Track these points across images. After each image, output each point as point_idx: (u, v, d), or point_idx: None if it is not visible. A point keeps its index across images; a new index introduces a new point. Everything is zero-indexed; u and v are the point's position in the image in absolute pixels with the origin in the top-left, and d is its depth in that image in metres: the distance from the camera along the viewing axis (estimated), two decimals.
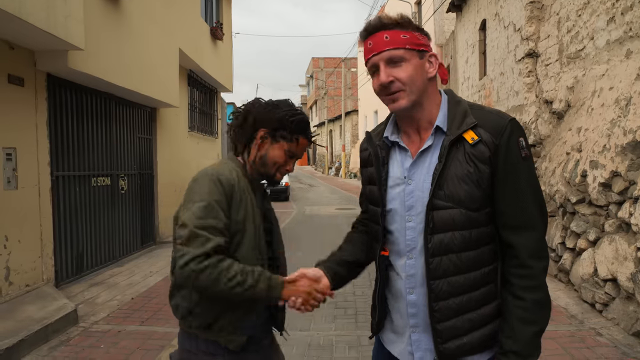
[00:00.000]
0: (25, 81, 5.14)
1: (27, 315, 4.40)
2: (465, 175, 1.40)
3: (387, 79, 1.43)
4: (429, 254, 1.43)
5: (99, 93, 6.67)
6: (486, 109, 1.50)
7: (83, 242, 6.28)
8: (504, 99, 9.01)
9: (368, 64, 1.49)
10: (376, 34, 1.45)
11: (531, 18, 7.47)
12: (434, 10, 15.97)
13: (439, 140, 1.47)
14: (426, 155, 1.48)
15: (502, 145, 1.40)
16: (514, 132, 1.41)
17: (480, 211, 1.42)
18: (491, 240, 1.45)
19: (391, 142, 1.56)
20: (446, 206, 1.41)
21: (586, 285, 4.84)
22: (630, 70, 4.82)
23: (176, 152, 9.64)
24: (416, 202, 1.46)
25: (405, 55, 1.43)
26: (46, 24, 4.42)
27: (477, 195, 1.40)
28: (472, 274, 1.44)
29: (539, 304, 1.42)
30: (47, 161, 5.49)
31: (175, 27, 8.59)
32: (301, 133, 1.78)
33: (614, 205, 4.62)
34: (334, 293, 1.70)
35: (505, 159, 1.40)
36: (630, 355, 3.73)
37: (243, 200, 1.68)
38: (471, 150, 1.40)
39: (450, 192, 1.40)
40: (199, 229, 1.54)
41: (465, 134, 1.42)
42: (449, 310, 1.44)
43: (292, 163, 1.81)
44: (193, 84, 11.16)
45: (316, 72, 48.56)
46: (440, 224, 1.41)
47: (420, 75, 1.45)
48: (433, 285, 1.44)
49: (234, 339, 1.68)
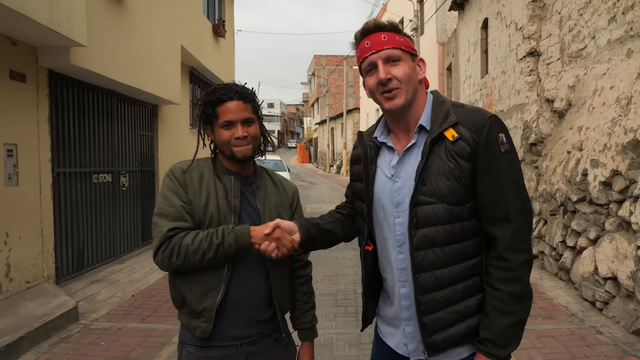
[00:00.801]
0: (27, 77, 5.14)
1: (28, 312, 4.41)
2: (447, 172, 1.46)
3: (386, 75, 1.49)
4: (414, 247, 1.49)
5: (101, 90, 6.68)
6: (468, 107, 1.57)
7: (84, 239, 6.29)
8: (505, 97, 9.00)
9: (364, 62, 1.55)
10: (374, 34, 1.53)
11: (533, 17, 7.45)
12: (436, 8, 15.95)
13: (422, 138, 1.54)
14: (411, 154, 1.55)
15: (481, 141, 1.46)
16: (492, 127, 1.47)
17: (462, 206, 1.47)
18: (475, 234, 1.50)
19: (380, 142, 1.63)
20: (429, 201, 1.47)
21: (587, 284, 4.84)
22: (631, 69, 4.82)
23: (177, 149, 9.64)
24: (403, 198, 1.52)
25: (401, 55, 1.51)
26: (49, 21, 4.43)
27: (459, 191, 1.46)
28: (457, 267, 1.49)
29: (516, 296, 1.44)
30: (48, 157, 5.50)
31: (177, 24, 8.59)
32: (214, 104, 1.71)
33: (615, 203, 4.62)
34: (301, 250, 1.77)
35: (484, 154, 1.45)
36: (630, 353, 3.74)
37: (203, 191, 1.71)
38: (452, 147, 1.46)
39: (433, 187, 1.46)
40: (157, 217, 1.68)
41: (446, 132, 1.48)
42: (435, 303, 1.49)
43: (238, 129, 1.70)
44: (195, 81, 11.16)
45: (318, 69, 48.52)
46: (424, 219, 1.47)
47: (414, 76, 1.54)
48: (419, 279, 1.49)
49: (199, 325, 1.66)
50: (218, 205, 1.69)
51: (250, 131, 1.71)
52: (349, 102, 36.54)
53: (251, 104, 1.74)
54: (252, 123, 1.73)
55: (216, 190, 1.71)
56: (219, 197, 1.70)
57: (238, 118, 1.69)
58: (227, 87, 1.73)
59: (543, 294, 5.28)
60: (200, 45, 10.33)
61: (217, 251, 1.61)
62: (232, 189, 1.72)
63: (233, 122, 1.69)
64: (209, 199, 1.69)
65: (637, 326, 3.96)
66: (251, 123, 1.72)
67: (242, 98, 1.71)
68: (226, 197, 1.71)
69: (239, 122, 1.70)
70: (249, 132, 1.71)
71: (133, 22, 6.65)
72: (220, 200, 1.70)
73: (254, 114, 1.74)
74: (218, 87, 1.74)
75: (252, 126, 1.73)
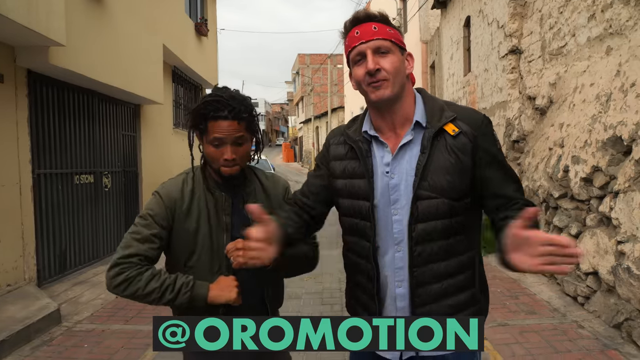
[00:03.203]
0: (5, 77, 5.05)
1: (9, 315, 4.34)
2: (449, 166, 1.46)
3: (375, 66, 1.46)
4: (413, 242, 1.48)
5: (82, 90, 6.58)
6: (460, 105, 1.59)
7: (66, 241, 6.21)
8: (488, 95, 9.08)
9: (353, 52, 1.50)
10: (365, 24, 1.50)
11: (514, 15, 7.53)
12: (419, 6, 16.02)
13: (418, 134, 1.52)
14: (406, 150, 1.52)
15: (479, 137, 1.48)
16: (488, 125, 1.53)
17: (461, 201, 1.48)
18: (470, 229, 1.53)
19: (370, 136, 1.57)
20: (430, 196, 1.47)
21: (568, 279, 4.91)
22: (610, 66, 4.89)
23: (161, 149, 9.56)
24: (401, 195, 1.50)
25: (391, 47, 1.49)
26: (27, 20, 4.35)
27: (459, 186, 1.47)
28: (451, 261, 1.50)
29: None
30: (28, 159, 5.41)
31: (159, 23, 8.50)
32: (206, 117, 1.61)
33: (595, 199, 4.68)
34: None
35: (485, 148, 1.49)
36: (610, 347, 3.79)
37: (194, 211, 1.68)
38: (453, 141, 1.47)
39: (434, 182, 1.46)
40: (129, 234, 1.65)
41: (446, 127, 1.48)
42: (429, 297, 1.50)
43: (228, 151, 1.61)
44: (177, 81, 11.08)
45: (302, 68, 48.43)
46: (424, 213, 1.47)
47: (403, 69, 1.52)
48: (416, 273, 1.49)
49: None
50: (209, 223, 1.69)
51: (240, 152, 1.65)
52: (333, 100, 36.55)
53: (246, 121, 1.64)
54: (243, 143, 1.65)
55: (207, 207, 1.70)
56: (210, 214, 1.69)
57: (229, 139, 1.61)
58: (221, 102, 1.60)
59: (526, 289, 5.34)
60: (182, 44, 10.25)
61: (167, 302, 1.62)
62: (222, 206, 1.70)
63: (223, 141, 1.61)
64: (200, 218, 1.68)
65: (618, 320, 4.02)
66: (242, 143, 1.65)
67: (237, 117, 1.60)
68: (217, 214, 1.70)
69: (229, 143, 1.61)
70: (238, 154, 1.64)
71: (114, 21, 6.57)
72: (211, 217, 1.69)
73: (247, 130, 1.65)
74: (212, 100, 1.61)
75: (243, 146, 1.65)
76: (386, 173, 1.52)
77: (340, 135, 1.65)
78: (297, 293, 5.46)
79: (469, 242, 1.53)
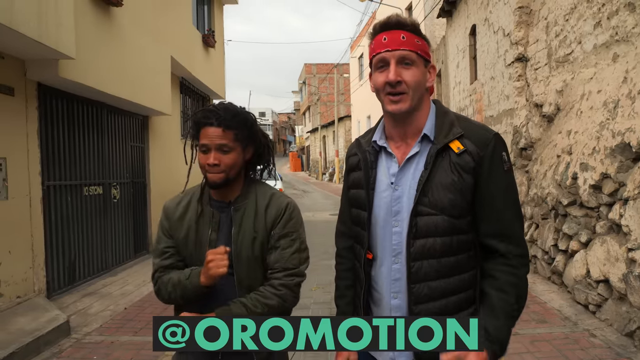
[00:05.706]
0: (16, 90, 5.12)
1: (19, 327, 4.36)
2: (450, 184, 1.44)
3: (396, 77, 1.44)
4: (411, 258, 1.47)
5: (91, 102, 6.65)
6: (472, 121, 1.55)
7: (75, 252, 6.24)
8: (494, 102, 9.06)
9: (376, 57, 1.48)
10: (394, 31, 1.47)
11: (520, 23, 7.53)
12: (425, 15, 16.08)
13: (425, 147, 1.50)
14: (412, 162, 1.51)
15: (486, 157, 1.45)
16: (497, 145, 1.47)
17: (462, 219, 1.46)
18: (471, 248, 1.50)
19: (379, 146, 1.58)
20: (430, 212, 1.45)
21: (579, 287, 4.86)
22: (617, 73, 4.87)
23: (169, 160, 9.61)
24: (403, 207, 1.50)
25: (416, 59, 1.46)
26: (37, 34, 4.41)
27: (460, 204, 1.45)
28: (452, 279, 1.48)
29: (522, 299, 1.49)
30: (38, 171, 5.47)
31: (167, 35, 8.59)
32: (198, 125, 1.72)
33: (605, 206, 4.65)
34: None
35: (488, 171, 1.45)
36: (623, 355, 3.75)
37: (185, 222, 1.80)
38: (457, 159, 1.45)
39: (435, 199, 1.45)
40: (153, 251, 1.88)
41: (451, 144, 1.46)
42: (427, 314, 1.46)
43: (210, 156, 1.69)
44: (185, 92, 11.15)
45: (309, 78, 48.61)
46: (423, 229, 1.46)
47: (423, 83, 1.50)
48: (414, 289, 1.48)
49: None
50: (197, 237, 1.78)
51: (224, 160, 1.69)
52: (340, 109, 36.62)
53: (234, 131, 1.69)
54: (229, 152, 1.69)
55: (197, 221, 1.79)
56: (199, 227, 1.78)
57: (213, 144, 1.67)
58: (212, 111, 1.70)
59: (536, 297, 5.29)
60: (190, 55, 10.33)
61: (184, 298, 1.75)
62: (210, 222, 1.77)
63: (209, 147, 1.69)
64: (189, 232, 1.79)
65: (630, 328, 3.97)
66: (227, 152, 1.69)
67: (222, 125, 1.67)
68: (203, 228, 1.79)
69: (213, 148, 1.68)
70: (222, 161, 1.68)
71: (122, 34, 6.64)
72: (199, 230, 1.78)
73: (235, 140, 1.69)
74: (205, 109, 1.73)
75: (228, 155, 1.69)
76: (391, 184, 1.52)
77: (355, 146, 1.69)
78: (305, 303, 5.44)
79: (471, 260, 1.50)
